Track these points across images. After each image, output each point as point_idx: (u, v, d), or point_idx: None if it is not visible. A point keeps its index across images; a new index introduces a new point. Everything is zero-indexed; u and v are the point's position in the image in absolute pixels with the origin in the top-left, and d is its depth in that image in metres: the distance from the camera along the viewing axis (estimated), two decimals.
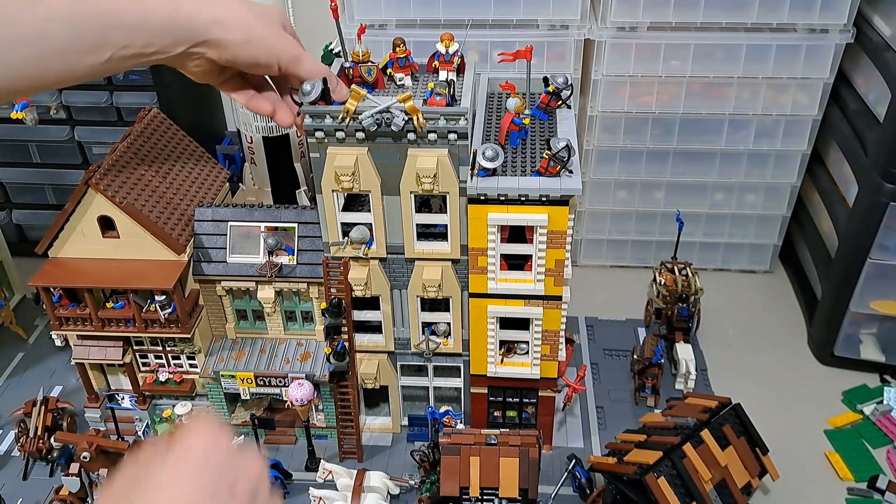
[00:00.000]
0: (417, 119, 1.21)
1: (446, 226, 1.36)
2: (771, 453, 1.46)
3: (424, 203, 1.44)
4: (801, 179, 1.95)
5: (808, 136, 1.87)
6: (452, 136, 1.26)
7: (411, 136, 1.26)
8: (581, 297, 1.96)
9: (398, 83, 1.35)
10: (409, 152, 1.28)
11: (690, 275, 1.81)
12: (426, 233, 1.41)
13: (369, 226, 1.38)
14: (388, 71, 1.35)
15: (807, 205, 2.02)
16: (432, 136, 1.27)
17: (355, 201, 1.43)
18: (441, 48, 1.34)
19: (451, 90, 1.24)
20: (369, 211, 1.36)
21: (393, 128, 1.23)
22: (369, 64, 1.30)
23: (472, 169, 1.27)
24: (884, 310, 1.71)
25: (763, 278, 2.12)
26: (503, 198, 1.28)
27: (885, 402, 1.69)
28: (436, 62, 1.36)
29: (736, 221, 2.04)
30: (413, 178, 1.29)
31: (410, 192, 1.32)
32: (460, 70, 1.36)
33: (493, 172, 1.27)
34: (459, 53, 1.34)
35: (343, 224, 1.39)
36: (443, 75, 1.35)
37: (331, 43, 1.89)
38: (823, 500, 1.51)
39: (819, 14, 1.71)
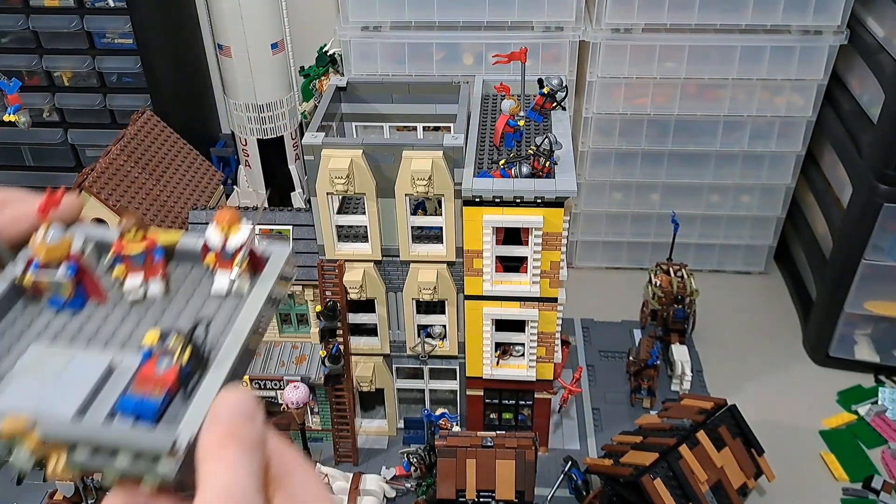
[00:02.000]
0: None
1: (441, 228, 1.36)
2: (766, 454, 1.46)
3: (420, 205, 1.44)
4: (795, 181, 1.95)
5: (802, 138, 1.88)
6: (449, 140, 1.26)
7: None
8: (577, 298, 1.96)
9: (130, 297, 0.54)
10: (403, 154, 1.28)
11: (686, 276, 1.81)
12: (421, 235, 1.40)
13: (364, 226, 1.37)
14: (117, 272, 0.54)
15: (801, 206, 2.03)
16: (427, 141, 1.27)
17: (350, 204, 1.43)
18: (215, 238, 0.54)
19: (194, 349, 0.47)
20: (364, 213, 1.36)
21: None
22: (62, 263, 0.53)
23: None
24: (878, 310, 1.71)
25: (758, 279, 2.12)
26: (498, 199, 1.28)
27: (879, 402, 1.69)
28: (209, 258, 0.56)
29: (731, 223, 2.04)
30: (408, 180, 1.29)
31: (406, 195, 1.31)
32: (256, 267, 0.54)
33: None
34: (248, 247, 0.54)
35: (338, 227, 1.38)
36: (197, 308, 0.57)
37: (325, 45, 1.88)
38: (819, 500, 1.51)
39: (813, 16, 1.71)
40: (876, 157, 1.56)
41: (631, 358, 1.76)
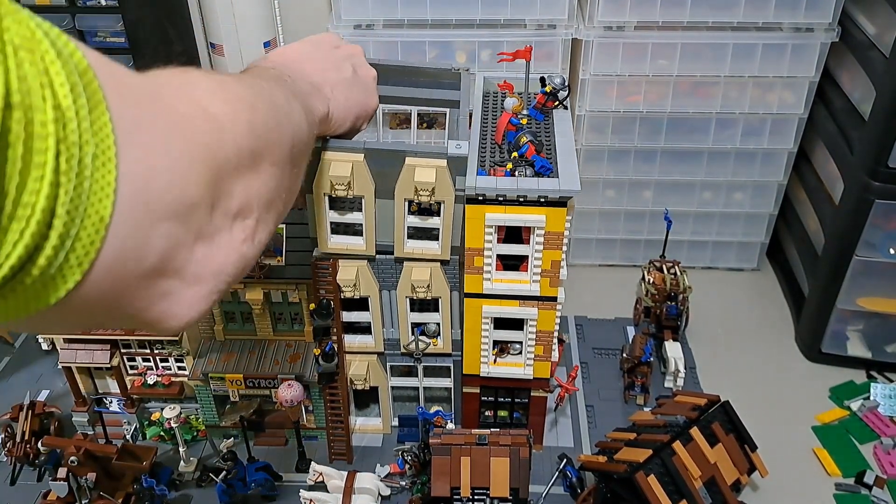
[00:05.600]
0: None
1: (438, 228, 1.35)
2: (759, 450, 1.47)
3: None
4: (787, 178, 1.96)
5: (794, 135, 1.89)
6: (453, 149, 1.26)
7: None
8: (570, 296, 1.96)
9: None
10: (406, 161, 1.27)
11: (679, 273, 1.82)
12: (417, 233, 1.40)
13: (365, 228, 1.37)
14: None
15: (794, 203, 2.03)
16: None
17: (344, 199, 1.40)
18: None
19: None
20: (360, 211, 1.34)
21: None
22: None
23: None
24: (870, 306, 1.72)
25: (751, 276, 2.13)
26: (501, 198, 1.28)
27: (871, 397, 1.70)
28: None
29: (724, 220, 2.05)
30: (410, 187, 1.28)
31: (405, 199, 1.31)
32: None
33: None
34: None
35: (332, 223, 1.38)
36: None
37: None
38: (812, 495, 1.52)
39: (804, 13, 1.72)
40: (867, 153, 1.57)
41: (625, 355, 1.76)
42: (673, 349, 1.74)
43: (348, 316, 1.49)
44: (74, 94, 0.41)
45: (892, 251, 1.64)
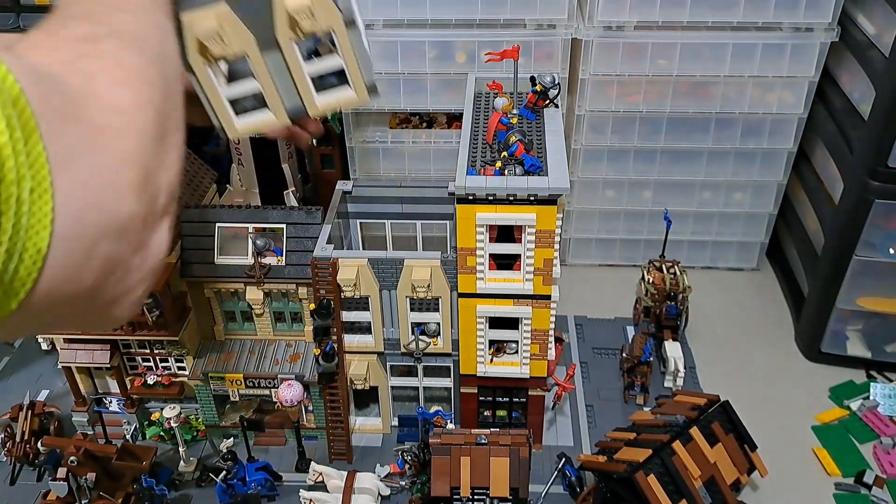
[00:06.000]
0: None
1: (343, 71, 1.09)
2: (759, 449, 1.47)
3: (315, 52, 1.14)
4: (787, 177, 1.96)
5: (794, 135, 1.89)
6: None
7: None
8: (570, 296, 1.97)
9: None
10: None
11: (678, 273, 1.82)
12: (322, 82, 1.11)
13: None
14: None
15: (793, 203, 2.03)
16: None
17: (235, 71, 1.12)
18: None
19: None
20: (253, 76, 1.08)
21: None
22: None
23: None
24: (870, 306, 1.72)
25: (750, 276, 2.13)
26: (491, 197, 1.28)
27: (871, 397, 1.70)
28: None
29: (723, 220, 2.05)
30: (285, 19, 1.02)
31: (289, 39, 1.05)
32: None
33: None
34: None
35: (230, 100, 1.11)
36: None
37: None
38: (811, 495, 1.52)
39: (804, 13, 1.72)
40: (867, 153, 1.57)
41: (624, 355, 1.76)
42: (673, 349, 1.74)
43: (348, 316, 1.49)
44: (10, 129, 0.40)
45: (892, 251, 1.64)
